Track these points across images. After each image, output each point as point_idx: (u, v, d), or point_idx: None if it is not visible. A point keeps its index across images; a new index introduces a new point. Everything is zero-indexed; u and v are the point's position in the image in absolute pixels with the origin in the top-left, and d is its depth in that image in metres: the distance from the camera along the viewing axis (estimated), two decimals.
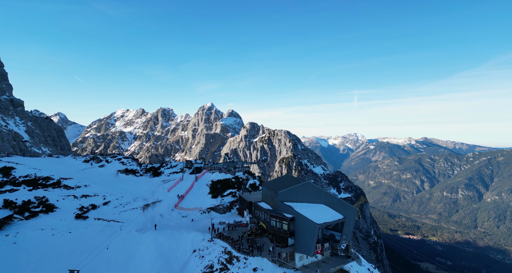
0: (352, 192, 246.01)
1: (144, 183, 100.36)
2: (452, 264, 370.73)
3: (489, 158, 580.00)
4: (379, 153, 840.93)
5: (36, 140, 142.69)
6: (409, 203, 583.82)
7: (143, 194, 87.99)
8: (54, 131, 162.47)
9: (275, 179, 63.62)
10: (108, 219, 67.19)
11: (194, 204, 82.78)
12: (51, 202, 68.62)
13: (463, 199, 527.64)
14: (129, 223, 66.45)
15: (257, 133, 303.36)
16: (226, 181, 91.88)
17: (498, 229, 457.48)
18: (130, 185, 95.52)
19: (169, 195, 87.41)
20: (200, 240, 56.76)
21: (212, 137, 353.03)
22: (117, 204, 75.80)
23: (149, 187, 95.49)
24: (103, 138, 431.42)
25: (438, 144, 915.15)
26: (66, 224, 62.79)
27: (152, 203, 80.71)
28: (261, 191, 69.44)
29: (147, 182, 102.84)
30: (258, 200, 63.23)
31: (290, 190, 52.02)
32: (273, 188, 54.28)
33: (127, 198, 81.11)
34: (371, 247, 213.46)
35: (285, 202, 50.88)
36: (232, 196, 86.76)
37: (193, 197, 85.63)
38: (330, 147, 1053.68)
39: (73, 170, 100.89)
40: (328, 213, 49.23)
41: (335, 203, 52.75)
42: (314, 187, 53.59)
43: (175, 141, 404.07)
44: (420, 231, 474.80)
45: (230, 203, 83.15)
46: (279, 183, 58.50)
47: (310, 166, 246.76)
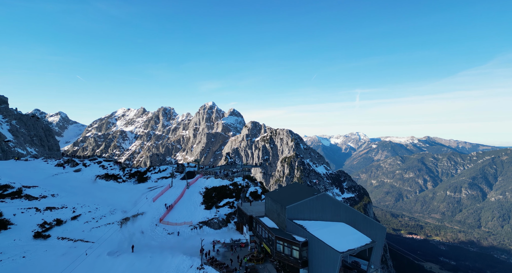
0: (355, 192, 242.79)
1: (127, 191, 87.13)
2: (456, 264, 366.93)
3: (492, 157, 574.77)
4: (382, 152, 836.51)
5: (21, 140, 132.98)
6: (412, 202, 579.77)
7: (123, 204, 75.69)
8: (41, 130, 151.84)
9: (281, 189, 53.31)
10: (75, 238, 55.47)
11: (184, 217, 70.53)
12: (6, 217, 56.40)
13: (467, 199, 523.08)
14: (101, 243, 54.37)
15: (258, 132, 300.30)
16: (222, 189, 79.92)
17: (503, 228, 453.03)
18: (109, 194, 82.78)
19: (154, 206, 74.86)
20: (187, 268, 46.15)
21: (214, 137, 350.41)
22: (89, 219, 64.28)
23: (132, 196, 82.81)
24: (104, 138, 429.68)
25: (441, 143, 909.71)
26: (21, 245, 51.02)
27: (133, 216, 68.54)
28: (264, 202, 59.02)
29: (130, 189, 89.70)
30: (261, 214, 54.17)
31: (301, 205, 41.90)
32: (279, 201, 44.76)
33: (103, 210, 69.45)
34: None
35: (295, 220, 41.24)
36: (229, 207, 74.19)
37: (182, 208, 73.33)
38: (332, 146, 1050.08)
39: (42, 176, 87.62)
40: (352, 235, 38.66)
41: (358, 221, 42.56)
42: (332, 200, 43.49)
43: (176, 140, 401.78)
44: (423, 231, 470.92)
45: (227, 216, 70.50)
46: (286, 194, 48.83)
47: (312, 166, 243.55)
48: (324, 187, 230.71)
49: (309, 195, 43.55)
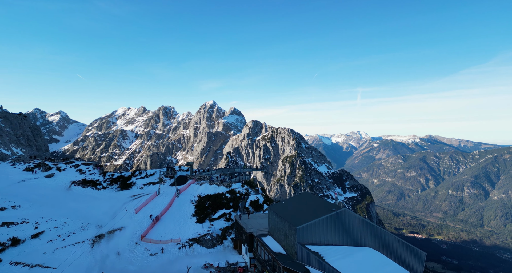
0: (357, 191, 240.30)
1: (106, 200, 75.50)
2: (458, 264, 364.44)
3: (495, 156, 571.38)
4: (383, 151, 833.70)
5: (6, 140, 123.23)
6: (413, 201, 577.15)
7: (99, 217, 64.42)
8: (29, 129, 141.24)
9: (288, 201, 44.12)
10: (32, 263, 44.25)
11: (171, 232, 58.69)
12: None
13: (469, 198, 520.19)
14: (64, 269, 43.00)
15: (259, 131, 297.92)
16: (218, 197, 68.79)
17: (505, 227, 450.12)
18: (84, 204, 71.44)
19: (137, 219, 63.10)
20: None
21: (214, 136, 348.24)
22: (54, 236, 52.79)
23: (111, 206, 71.56)
24: (104, 137, 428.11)
25: (442, 142, 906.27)
26: None
27: (109, 232, 56.52)
28: (267, 214, 45.91)
29: (111, 198, 77.77)
30: (263, 230, 45.11)
31: (316, 225, 32.63)
32: (287, 218, 35.71)
33: (73, 225, 57.99)
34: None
35: (308, 244, 32.17)
36: (226, 220, 62.63)
37: (170, 222, 62.42)
38: (333, 145, 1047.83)
39: (5, 183, 76.61)
40: (384, 266, 29.36)
41: (389, 245, 33.88)
42: (355, 218, 33.98)
43: (177, 139, 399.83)
44: (425, 230, 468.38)
45: (223, 231, 58.55)
46: (294, 208, 39.83)
47: (314, 165, 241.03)
48: (326, 187, 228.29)
49: (325, 211, 34.01)
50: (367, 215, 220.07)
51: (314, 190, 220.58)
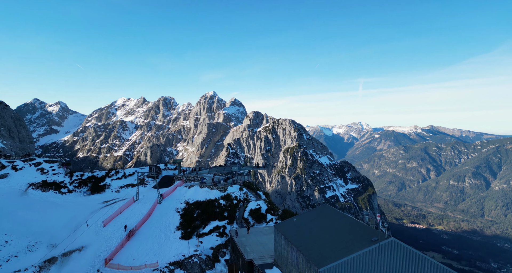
0: (359, 182, 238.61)
1: (70, 208, 60.19)
2: (459, 253, 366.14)
3: (497, 146, 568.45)
4: (384, 142, 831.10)
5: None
6: (414, 192, 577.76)
7: (55, 232, 49.75)
8: (11, 119, 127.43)
9: (302, 218, 32.20)
10: None
11: (147, 253, 44.50)
12: None
13: (470, 188, 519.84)
14: None
15: (260, 122, 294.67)
16: (209, 205, 54.94)
17: (506, 217, 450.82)
18: (40, 214, 55.83)
19: (104, 234, 49.04)
20: None
21: (215, 127, 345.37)
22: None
23: (75, 216, 56.52)
24: (104, 128, 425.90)
25: (444, 132, 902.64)
26: None
27: (63, 254, 42.85)
28: (274, 238, 33.70)
29: (77, 204, 62.53)
30: (267, 257, 33.89)
31: (349, 264, 20.91)
32: (303, 250, 24.34)
33: (17, 244, 43.92)
34: None
35: None
36: (219, 234, 48.14)
37: (147, 237, 48.10)
38: (334, 136, 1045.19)
39: None
40: None
41: None
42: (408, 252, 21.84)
43: (177, 130, 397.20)
44: (426, 220, 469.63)
45: (214, 251, 44.54)
46: (312, 231, 27.99)
47: (316, 156, 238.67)
48: (328, 178, 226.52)
49: (361, 241, 22.54)
50: (368, 207, 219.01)
51: (315, 181, 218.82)
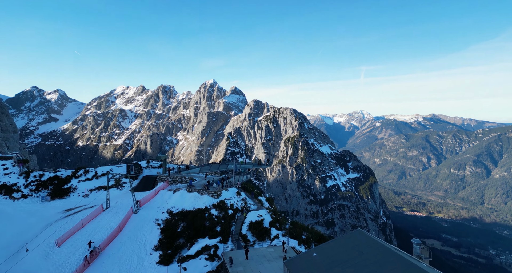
0: (360, 172, 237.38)
1: (19, 220, 47.18)
2: (458, 241, 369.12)
3: (499, 134, 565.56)
4: (385, 131, 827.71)
5: None
6: (415, 180, 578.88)
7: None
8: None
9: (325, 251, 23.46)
10: None
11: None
12: None
13: (471, 176, 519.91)
14: None
15: (261, 111, 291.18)
16: (198, 216, 42.60)
17: (506, 205, 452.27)
18: None
19: (56, 259, 36.64)
20: None
21: (215, 116, 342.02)
22: None
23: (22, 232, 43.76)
24: (103, 116, 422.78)
25: (446, 121, 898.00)
26: None
27: None
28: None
29: (31, 214, 49.29)
30: None
31: None
32: None
33: None
34: (380, 228, 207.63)
35: None
36: (209, 258, 35.13)
37: (114, 262, 36.14)
38: (335, 125, 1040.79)
39: None
40: None
41: None
42: None
43: (177, 119, 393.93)
44: (426, 208, 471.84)
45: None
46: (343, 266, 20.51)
47: (317, 146, 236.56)
48: (329, 167, 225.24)
49: None
50: (370, 196, 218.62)
51: (316, 171, 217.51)
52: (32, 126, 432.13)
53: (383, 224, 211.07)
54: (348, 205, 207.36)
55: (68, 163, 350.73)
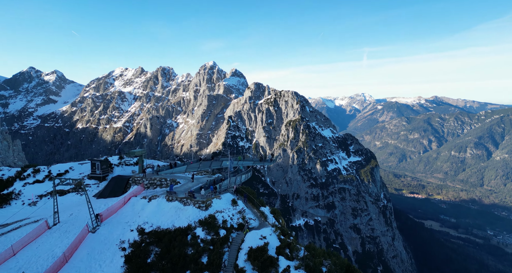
0: (362, 155, 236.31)
1: None
2: (456, 222, 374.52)
3: (501, 116, 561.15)
4: (387, 113, 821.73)
5: None
6: (415, 163, 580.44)
7: None
8: None
9: None
10: None
11: None
12: None
13: (471, 158, 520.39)
14: None
15: (262, 94, 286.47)
16: (177, 239, 30.57)
17: (505, 186, 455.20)
18: None
19: None
20: None
21: (215, 99, 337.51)
22: None
23: None
24: (102, 98, 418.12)
25: (448, 103, 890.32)
26: None
27: None
28: None
29: None
30: None
31: None
32: None
33: None
34: (380, 211, 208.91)
35: None
36: None
37: None
38: (336, 108, 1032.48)
39: None
40: None
41: None
42: None
43: (177, 102, 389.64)
44: (425, 190, 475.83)
45: None
46: None
47: (318, 129, 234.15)
48: (330, 151, 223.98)
49: None
50: (371, 179, 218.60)
51: (317, 154, 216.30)
52: (31, 108, 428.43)
53: (384, 207, 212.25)
54: (349, 189, 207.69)
55: (68, 145, 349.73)
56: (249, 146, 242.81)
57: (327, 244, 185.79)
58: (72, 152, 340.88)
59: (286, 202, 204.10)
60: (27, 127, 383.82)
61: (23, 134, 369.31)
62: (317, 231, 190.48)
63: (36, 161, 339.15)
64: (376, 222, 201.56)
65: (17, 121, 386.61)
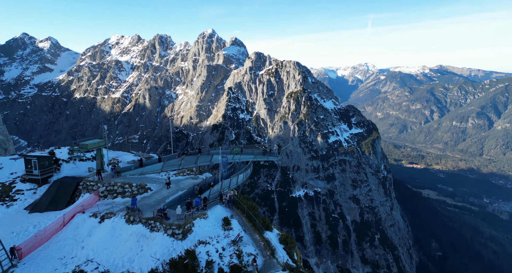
0: (364, 127, 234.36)
1: None
2: (453, 190, 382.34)
3: (506, 85, 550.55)
4: (390, 84, 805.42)
5: None
6: (415, 133, 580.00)
7: None
8: None
9: None
10: None
11: None
12: None
13: (472, 128, 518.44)
14: None
15: (263, 64, 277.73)
16: None
17: (504, 155, 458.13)
18: None
19: None
20: None
21: (214, 69, 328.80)
22: None
23: None
24: (99, 67, 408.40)
25: (453, 72, 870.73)
26: None
27: None
28: None
29: None
30: None
31: None
32: None
33: None
34: (380, 182, 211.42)
35: None
36: None
37: None
38: (338, 79, 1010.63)
39: None
40: None
41: None
42: None
43: (175, 72, 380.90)
44: (424, 160, 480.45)
45: None
46: None
47: (320, 101, 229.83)
48: (332, 123, 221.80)
49: None
50: (372, 151, 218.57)
51: (319, 127, 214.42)
52: (27, 76, 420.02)
53: (383, 178, 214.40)
54: (349, 160, 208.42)
55: (67, 115, 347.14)
56: (250, 118, 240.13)
57: (326, 214, 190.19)
58: (72, 122, 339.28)
59: (287, 174, 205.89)
60: (24, 96, 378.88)
61: (20, 103, 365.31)
62: (316, 201, 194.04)
63: (36, 130, 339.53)
64: (375, 192, 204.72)
65: (14, 90, 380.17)
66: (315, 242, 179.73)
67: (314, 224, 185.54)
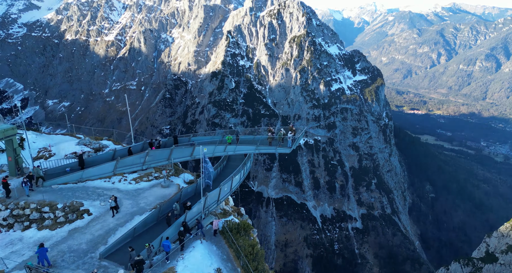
0: (368, 73, 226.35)
1: None
2: (452, 135, 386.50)
3: None
4: (398, 25, 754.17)
5: None
6: (420, 78, 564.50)
7: None
8: None
9: None
10: None
11: None
12: None
13: (479, 71, 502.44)
14: None
15: (264, 4, 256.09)
16: None
17: (507, 99, 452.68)
18: None
19: None
20: None
21: (212, 10, 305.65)
22: None
23: None
24: (88, 6, 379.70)
25: (466, 10, 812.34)
26: None
27: None
28: None
29: None
30: None
31: None
32: None
33: None
34: (381, 130, 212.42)
35: None
36: None
37: None
38: (344, 21, 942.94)
39: None
40: None
41: None
42: None
43: (170, 13, 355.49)
44: (426, 106, 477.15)
45: None
46: None
47: (324, 46, 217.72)
48: (335, 70, 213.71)
49: None
50: (375, 98, 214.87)
51: (322, 74, 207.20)
52: (13, 14, 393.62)
53: (384, 125, 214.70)
54: (351, 108, 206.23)
55: (60, 58, 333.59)
56: (250, 65, 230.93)
57: (325, 161, 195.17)
58: (66, 65, 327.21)
59: (287, 123, 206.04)
60: (13, 36, 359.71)
61: (11, 43, 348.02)
62: (316, 149, 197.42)
63: (30, 73, 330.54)
64: (375, 140, 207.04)
65: (2, 29, 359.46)
66: (313, 187, 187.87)
67: (313, 171, 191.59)
